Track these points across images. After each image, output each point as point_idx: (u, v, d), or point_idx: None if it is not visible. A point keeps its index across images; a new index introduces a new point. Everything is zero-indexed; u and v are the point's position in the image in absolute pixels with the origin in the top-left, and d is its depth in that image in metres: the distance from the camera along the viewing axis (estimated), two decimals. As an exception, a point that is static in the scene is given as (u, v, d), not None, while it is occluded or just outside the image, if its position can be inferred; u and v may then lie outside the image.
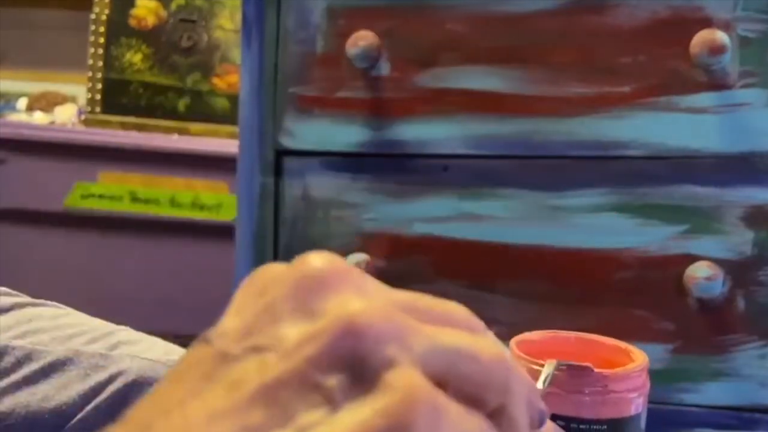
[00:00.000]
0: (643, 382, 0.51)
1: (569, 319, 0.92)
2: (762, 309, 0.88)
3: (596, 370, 0.49)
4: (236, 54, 1.95)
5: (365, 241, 0.97)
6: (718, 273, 0.86)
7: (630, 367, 0.50)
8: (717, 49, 0.85)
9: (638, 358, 0.52)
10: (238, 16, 1.09)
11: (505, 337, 0.93)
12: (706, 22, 0.88)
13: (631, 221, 0.91)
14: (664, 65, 0.90)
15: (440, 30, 0.95)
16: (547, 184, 0.93)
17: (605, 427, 0.49)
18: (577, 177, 0.92)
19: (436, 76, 0.95)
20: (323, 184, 0.98)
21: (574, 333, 0.57)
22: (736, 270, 0.88)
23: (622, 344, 0.54)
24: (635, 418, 0.49)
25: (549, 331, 0.58)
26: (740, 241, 0.88)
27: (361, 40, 0.94)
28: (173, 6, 1.97)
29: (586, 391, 0.49)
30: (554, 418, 0.49)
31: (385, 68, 0.96)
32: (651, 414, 0.90)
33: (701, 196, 0.89)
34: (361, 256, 0.94)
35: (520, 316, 0.93)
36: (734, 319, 0.88)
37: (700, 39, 0.86)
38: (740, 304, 0.88)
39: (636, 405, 0.50)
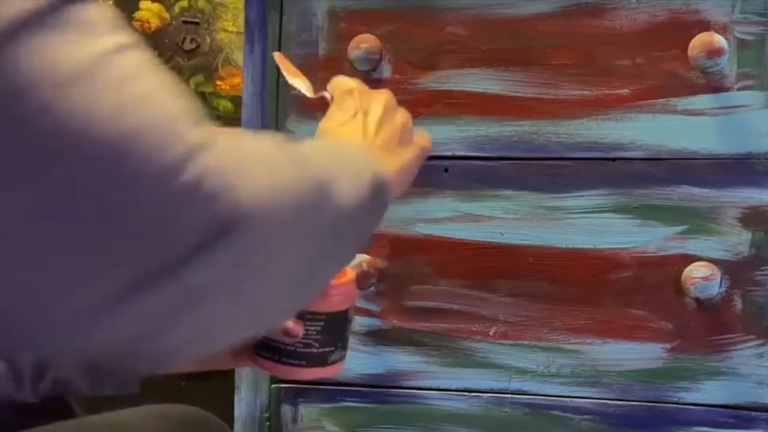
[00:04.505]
0: (352, 289, 0.78)
1: (568, 318, 0.93)
2: (759, 308, 0.89)
3: None
4: (239, 56, 1.96)
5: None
6: (715, 273, 0.87)
7: (343, 281, 0.77)
8: (715, 52, 0.86)
9: (349, 275, 0.78)
10: (241, 19, 1.10)
11: (504, 336, 0.94)
12: (704, 25, 0.89)
13: (629, 222, 0.92)
14: (662, 68, 0.91)
15: (441, 33, 0.96)
16: (547, 185, 0.94)
17: (323, 316, 0.76)
18: (576, 178, 0.93)
19: (437, 78, 0.96)
20: (325, 186, 0.99)
21: None
22: (734, 270, 0.89)
23: None
24: (344, 312, 0.77)
25: None
26: (737, 241, 0.89)
27: (363, 43, 0.95)
28: (176, 8, 1.98)
29: None
30: None
31: (386, 71, 0.97)
32: (650, 412, 0.91)
33: (699, 197, 0.90)
34: (363, 257, 0.95)
35: (520, 316, 0.94)
36: (732, 318, 0.89)
37: (698, 42, 0.87)
38: (737, 303, 0.89)
39: (344, 303, 0.77)
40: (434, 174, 0.96)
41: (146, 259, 0.39)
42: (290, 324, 0.75)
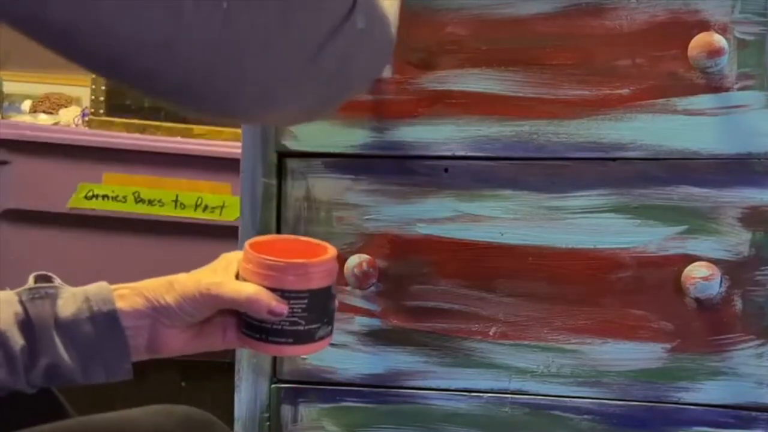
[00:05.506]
0: (333, 265, 0.81)
1: (568, 318, 0.93)
2: (759, 308, 0.89)
3: (304, 261, 0.80)
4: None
5: (367, 242, 0.98)
6: (715, 273, 0.87)
7: (324, 258, 0.80)
8: (715, 52, 0.86)
9: (331, 251, 0.82)
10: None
11: (504, 336, 0.94)
12: (704, 25, 0.89)
13: (629, 222, 0.92)
14: (662, 68, 0.91)
15: (441, 33, 0.96)
16: (547, 185, 0.94)
17: (307, 293, 0.79)
18: (576, 178, 0.93)
19: (437, 78, 0.96)
20: (325, 186, 0.99)
21: (292, 236, 0.92)
22: (734, 270, 0.89)
23: (322, 243, 0.84)
24: (326, 288, 0.80)
25: (275, 235, 0.96)
26: (737, 241, 0.89)
27: (363, 43, 0.95)
28: (177, 8, 1.98)
29: (297, 273, 0.79)
30: (273, 290, 0.78)
31: (386, 71, 0.97)
32: (650, 412, 0.91)
33: (699, 197, 0.90)
34: (363, 257, 0.95)
35: (520, 316, 0.94)
36: (732, 318, 0.89)
37: (698, 41, 0.87)
38: (737, 303, 0.89)
39: (326, 280, 0.80)
40: (434, 174, 0.96)
41: (333, 17, 0.57)
42: (274, 303, 0.78)
